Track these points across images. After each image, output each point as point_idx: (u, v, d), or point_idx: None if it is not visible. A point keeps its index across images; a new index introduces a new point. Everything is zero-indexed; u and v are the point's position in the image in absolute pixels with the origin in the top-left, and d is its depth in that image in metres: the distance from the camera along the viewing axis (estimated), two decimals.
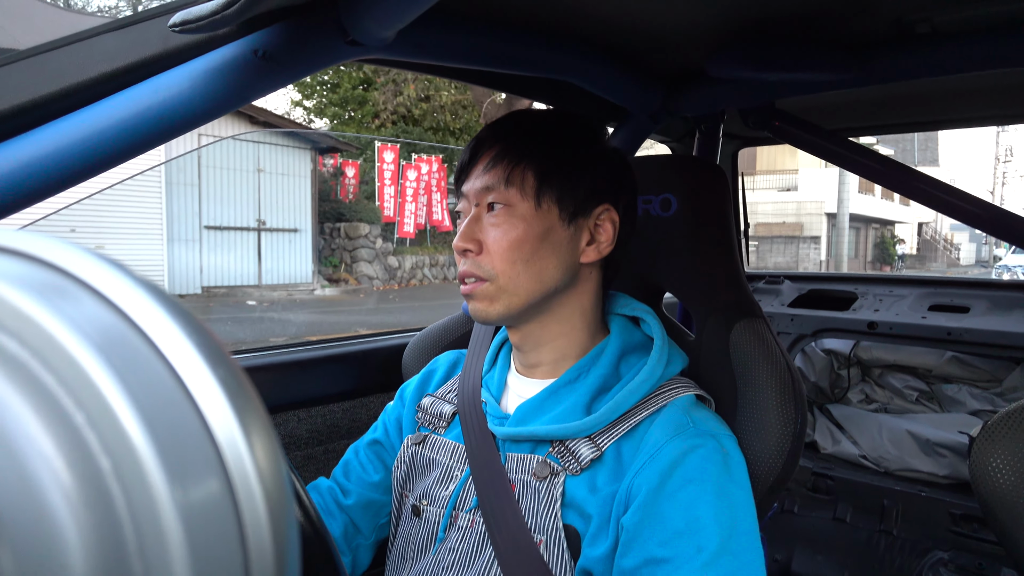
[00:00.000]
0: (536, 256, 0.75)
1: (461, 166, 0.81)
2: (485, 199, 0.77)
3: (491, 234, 0.76)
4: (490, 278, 0.75)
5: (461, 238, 0.76)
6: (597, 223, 0.79)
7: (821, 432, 2.05)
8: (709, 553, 0.63)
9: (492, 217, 0.76)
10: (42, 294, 0.16)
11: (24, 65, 0.57)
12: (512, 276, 0.75)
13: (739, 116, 1.43)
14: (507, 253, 0.74)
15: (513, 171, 0.76)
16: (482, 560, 0.74)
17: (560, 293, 0.78)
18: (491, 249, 0.75)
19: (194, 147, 10.20)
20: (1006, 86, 1.31)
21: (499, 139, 0.78)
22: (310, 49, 0.65)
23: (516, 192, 0.75)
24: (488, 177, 0.76)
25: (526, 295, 0.76)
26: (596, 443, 0.73)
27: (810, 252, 21.50)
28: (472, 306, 0.78)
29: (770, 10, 0.91)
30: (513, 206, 0.75)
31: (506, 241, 0.75)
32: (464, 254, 0.77)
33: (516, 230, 0.75)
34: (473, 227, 0.77)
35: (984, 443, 0.80)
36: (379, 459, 0.92)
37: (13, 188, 0.55)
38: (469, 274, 0.76)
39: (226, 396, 0.17)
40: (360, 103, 15.19)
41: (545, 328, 0.79)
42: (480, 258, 0.76)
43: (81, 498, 0.15)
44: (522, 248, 0.74)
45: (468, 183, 0.79)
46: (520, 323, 0.79)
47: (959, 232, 35.20)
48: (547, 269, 0.76)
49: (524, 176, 0.75)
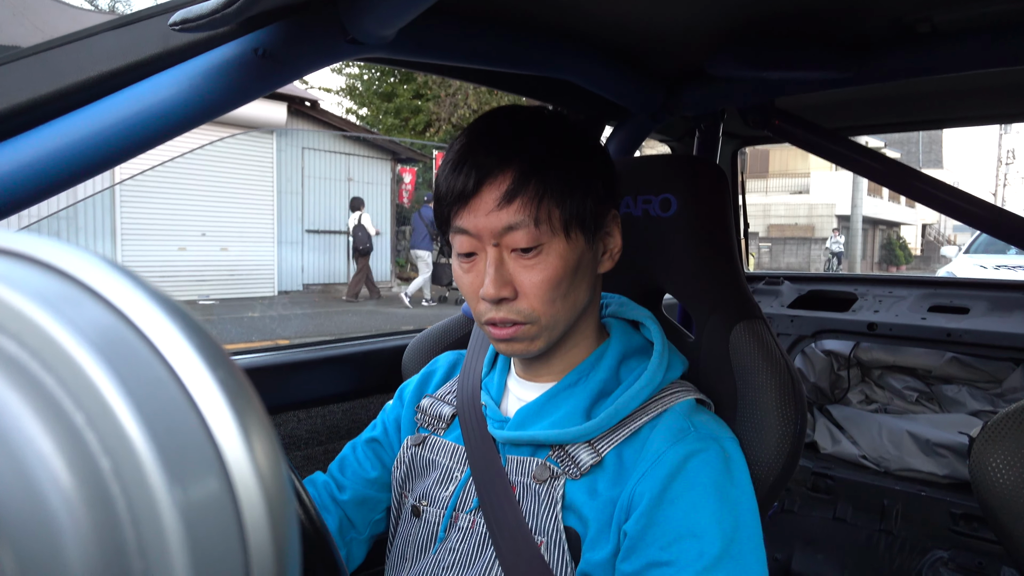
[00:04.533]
0: (572, 288, 0.72)
1: (460, 195, 0.69)
2: (507, 239, 0.69)
3: (524, 276, 0.70)
4: (531, 320, 0.71)
5: (493, 286, 0.68)
6: (607, 231, 0.77)
7: (821, 432, 2.05)
8: (711, 557, 0.63)
9: (523, 259, 0.69)
10: (42, 296, 0.16)
11: (24, 64, 0.57)
12: (552, 314, 0.71)
13: (739, 115, 1.43)
14: (547, 294, 0.70)
15: (540, 206, 0.68)
16: (483, 561, 0.74)
17: (584, 311, 0.77)
18: (527, 292, 0.70)
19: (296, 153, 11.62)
20: (1006, 85, 1.31)
21: (508, 161, 0.68)
22: (310, 48, 0.65)
23: (547, 229, 0.68)
24: (508, 215, 0.68)
25: (564, 325, 0.74)
26: (596, 449, 0.72)
27: (821, 253, 21.72)
28: (509, 347, 0.73)
29: (770, 9, 0.91)
30: (545, 243, 0.69)
31: (545, 282, 0.69)
32: (499, 302, 0.70)
33: (552, 269, 0.69)
34: (501, 271, 0.69)
35: (984, 444, 0.80)
36: (376, 457, 0.92)
37: (13, 188, 0.55)
38: (506, 320, 0.71)
39: (226, 396, 0.17)
40: (414, 112, 15.38)
41: (560, 344, 0.78)
42: (516, 303, 0.70)
43: (81, 498, 0.15)
44: (560, 286, 0.70)
45: (476, 218, 0.69)
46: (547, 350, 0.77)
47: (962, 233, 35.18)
48: (580, 296, 0.74)
49: (551, 210, 0.68)
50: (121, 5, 19.37)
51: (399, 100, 15.33)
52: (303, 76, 0.69)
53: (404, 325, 8.83)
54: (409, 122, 15.47)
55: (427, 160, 14.19)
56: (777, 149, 21.99)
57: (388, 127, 15.73)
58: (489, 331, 0.73)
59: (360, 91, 16.25)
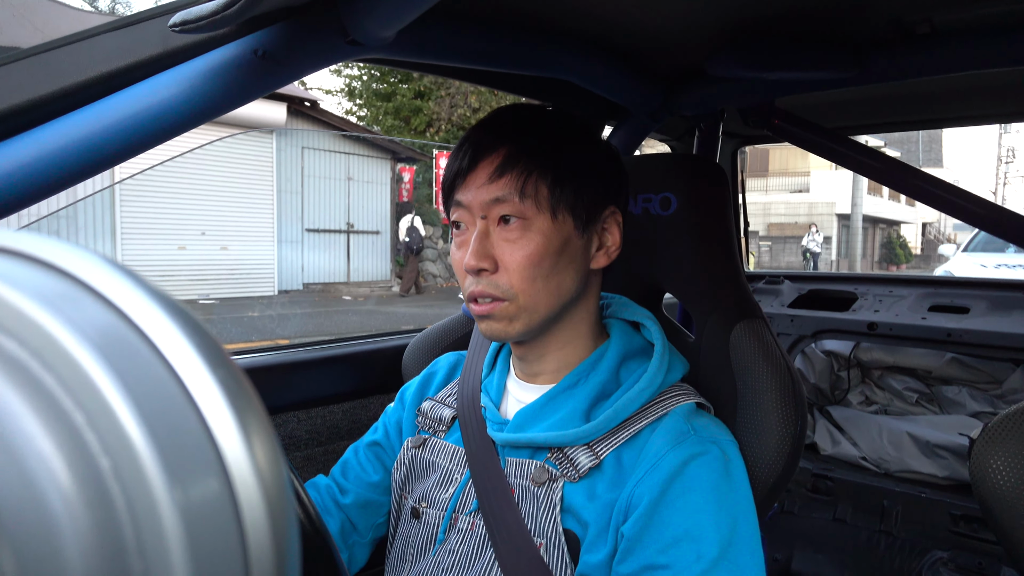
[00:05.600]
0: (555, 271, 0.71)
1: (457, 171, 0.74)
2: (494, 211, 0.71)
3: (506, 250, 0.71)
4: (509, 297, 0.71)
5: (474, 256, 0.70)
6: (604, 227, 0.77)
7: (821, 434, 2.05)
8: (708, 560, 0.63)
9: (506, 231, 0.71)
10: (42, 295, 0.16)
11: (24, 65, 0.57)
12: (532, 294, 0.71)
13: (739, 115, 1.43)
14: (526, 270, 0.70)
15: (527, 181, 0.70)
16: (482, 562, 0.74)
17: (573, 303, 0.76)
18: (508, 266, 0.71)
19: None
20: (1006, 85, 1.31)
21: (503, 141, 0.72)
22: (310, 49, 0.65)
23: (532, 204, 0.70)
24: (497, 188, 0.70)
25: (545, 311, 0.73)
26: (594, 451, 0.72)
27: (821, 252, 21.74)
28: (488, 326, 0.73)
29: (770, 9, 0.91)
30: (529, 219, 0.70)
31: (525, 258, 0.70)
32: (478, 274, 0.71)
33: (534, 245, 0.70)
34: (484, 243, 0.71)
35: (984, 445, 0.80)
36: (378, 460, 0.92)
37: (13, 188, 0.55)
38: (484, 294, 0.71)
39: (226, 397, 0.17)
40: (414, 112, 15.42)
41: (552, 339, 0.78)
42: (496, 276, 0.71)
43: (81, 498, 0.15)
44: (542, 264, 0.70)
45: (469, 192, 0.72)
46: (531, 337, 0.77)
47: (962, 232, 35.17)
48: (565, 282, 0.73)
49: (538, 186, 0.70)
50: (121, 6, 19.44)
51: (399, 100, 15.38)
52: (303, 77, 0.69)
53: (404, 324, 8.89)
54: (411, 122, 15.52)
55: (427, 159, 14.30)
56: (777, 148, 22.03)
57: (387, 128, 15.80)
58: (472, 309, 0.74)
59: (359, 91, 16.27)
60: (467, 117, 14.72)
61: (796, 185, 24.12)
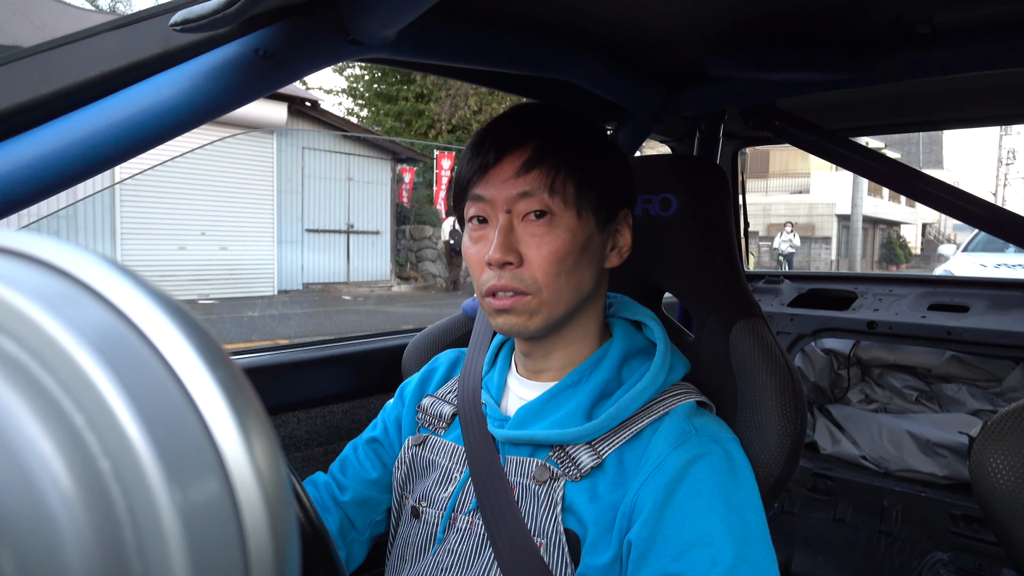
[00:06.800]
0: (577, 268, 0.72)
1: (481, 165, 0.73)
2: (520, 206, 0.71)
3: (532, 245, 0.71)
4: (532, 291, 0.71)
5: (499, 250, 0.70)
6: (618, 227, 0.79)
7: (821, 432, 2.05)
8: (726, 564, 0.62)
9: (532, 226, 0.71)
10: (42, 295, 0.16)
11: (24, 64, 0.57)
12: (556, 289, 0.71)
13: (739, 115, 1.43)
14: (552, 266, 0.70)
15: (556, 178, 0.70)
16: (481, 562, 0.74)
17: (586, 301, 0.77)
18: (532, 261, 0.71)
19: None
20: (1007, 86, 1.31)
21: (530, 136, 0.72)
22: (311, 48, 0.65)
23: (559, 200, 0.71)
24: (525, 182, 0.71)
25: (565, 307, 0.73)
26: (596, 450, 0.72)
27: (821, 252, 21.87)
28: (507, 320, 0.72)
29: (770, 10, 0.91)
30: (556, 215, 0.71)
31: (552, 252, 0.70)
32: (502, 267, 0.71)
33: (560, 241, 0.70)
34: (509, 237, 0.71)
35: (984, 443, 0.80)
36: (377, 457, 0.92)
37: (13, 188, 0.55)
38: (507, 287, 0.71)
39: (225, 397, 0.17)
40: (417, 114, 15.45)
41: (562, 336, 0.78)
42: (520, 271, 0.71)
43: (81, 499, 0.15)
44: (566, 260, 0.71)
45: (492, 187, 0.72)
46: (546, 334, 0.76)
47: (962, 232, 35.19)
48: (584, 280, 0.74)
49: (566, 184, 0.71)
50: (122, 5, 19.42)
51: (402, 104, 15.42)
52: (304, 76, 0.69)
53: (404, 324, 8.91)
54: (412, 123, 15.54)
55: (427, 160, 14.35)
56: (777, 149, 22.05)
57: (388, 129, 15.83)
58: (489, 303, 0.73)
59: (360, 91, 16.28)
60: (468, 119, 14.75)
61: (796, 186, 24.22)
